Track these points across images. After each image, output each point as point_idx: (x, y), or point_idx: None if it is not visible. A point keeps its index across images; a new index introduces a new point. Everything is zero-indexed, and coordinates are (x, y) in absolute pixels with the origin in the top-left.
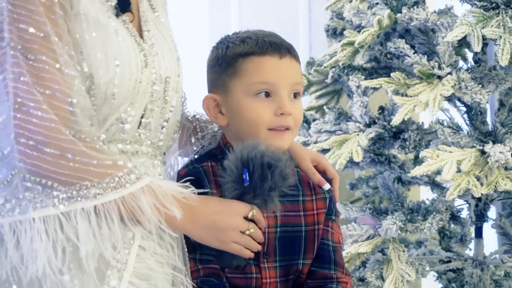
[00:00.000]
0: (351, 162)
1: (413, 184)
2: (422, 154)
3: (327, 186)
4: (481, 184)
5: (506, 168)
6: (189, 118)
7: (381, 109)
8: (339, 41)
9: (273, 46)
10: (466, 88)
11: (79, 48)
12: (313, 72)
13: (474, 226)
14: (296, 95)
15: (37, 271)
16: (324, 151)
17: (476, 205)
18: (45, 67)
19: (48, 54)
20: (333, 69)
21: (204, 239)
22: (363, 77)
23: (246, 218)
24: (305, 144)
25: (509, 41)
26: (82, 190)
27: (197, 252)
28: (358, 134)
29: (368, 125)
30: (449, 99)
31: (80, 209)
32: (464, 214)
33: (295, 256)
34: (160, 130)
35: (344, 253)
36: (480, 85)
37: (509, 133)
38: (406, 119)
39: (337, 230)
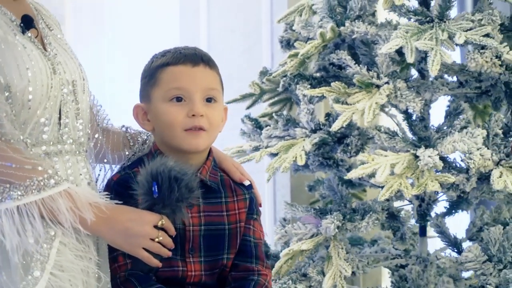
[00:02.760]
0: (303, 166)
1: (364, 186)
2: (358, 157)
3: (247, 182)
4: (412, 186)
5: (437, 171)
6: (119, 129)
7: (328, 115)
8: None
9: (186, 56)
10: (401, 96)
11: None
12: (266, 81)
13: (419, 225)
14: (210, 99)
15: None
16: (274, 155)
17: (420, 206)
18: None
19: None
20: (284, 78)
21: (117, 243)
22: (309, 86)
23: (156, 226)
24: (257, 148)
25: (440, 53)
26: (6, 192)
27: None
28: (304, 140)
29: (314, 131)
30: (395, 106)
31: (4, 209)
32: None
33: (219, 251)
34: (78, 128)
35: (286, 250)
36: (416, 94)
37: (441, 138)
38: (349, 124)
39: (258, 227)
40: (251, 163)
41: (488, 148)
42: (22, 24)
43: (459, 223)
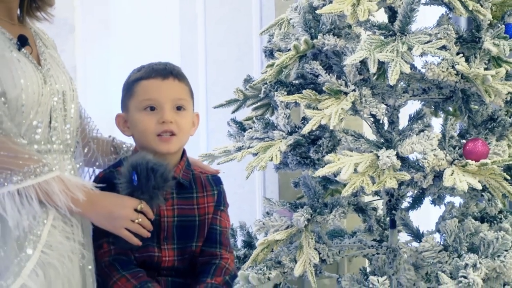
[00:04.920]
0: (284, 164)
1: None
2: (326, 158)
3: (220, 172)
4: (373, 183)
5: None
6: (107, 138)
7: (303, 119)
8: None
9: (157, 71)
10: (366, 102)
11: None
12: (249, 88)
13: (389, 218)
14: (179, 108)
15: None
16: (255, 155)
17: (389, 200)
18: None
19: None
20: (265, 85)
21: (102, 224)
22: (285, 93)
23: (136, 210)
24: (240, 148)
25: (399, 64)
26: (7, 177)
27: (110, 236)
28: (281, 141)
29: (290, 133)
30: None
31: (6, 192)
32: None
33: (190, 240)
34: (66, 131)
35: (262, 240)
36: (381, 100)
37: (401, 140)
38: (322, 127)
39: (225, 217)
40: (243, 163)
41: (444, 149)
42: (18, 42)
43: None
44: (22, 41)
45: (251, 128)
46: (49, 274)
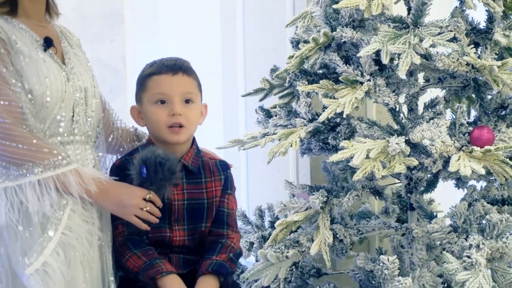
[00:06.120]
0: (308, 150)
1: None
2: (341, 144)
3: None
4: (384, 168)
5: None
6: (131, 128)
7: (324, 107)
8: None
9: (167, 67)
10: (379, 91)
11: (20, 73)
12: (275, 77)
13: (408, 201)
14: (188, 101)
15: (1, 220)
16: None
17: (408, 184)
18: (0, 87)
19: (0, 79)
20: (290, 75)
21: (114, 211)
22: (306, 82)
23: (145, 199)
24: (266, 135)
25: (410, 55)
26: (29, 169)
27: (123, 219)
28: (302, 128)
29: (311, 121)
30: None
31: (28, 182)
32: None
33: (199, 221)
34: (87, 124)
35: (280, 221)
36: (392, 89)
37: (412, 128)
38: (345, 115)
39: (232, 200)
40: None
41: (454, 136)
42: (44, 44)
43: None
44: (48, 43)
45: (277, 115)
46: (69, 253)
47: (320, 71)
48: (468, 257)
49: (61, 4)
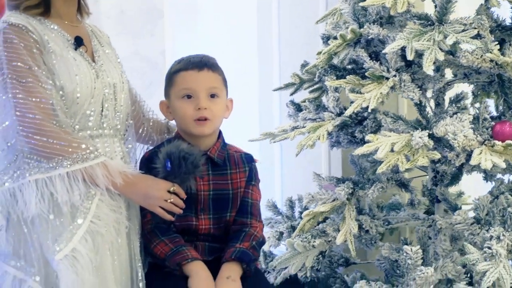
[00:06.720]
0: (337, 143)
1: None
2: (366, 137)
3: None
4: (407, 161)
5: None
6: (162, 120)
7: (352, 102)
8: None
9: (194, 63)
10: (404, 87)
11: (52, 71)
12: (305, 72)
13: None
14: (213, 95)
15: (32, 210)
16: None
17: (435, 176)
18: (32, 85)
19: (32, 78)
20: (319, 70)
21: (139, 202)
22: (334, 77)
23: (169, 191)
24: (295, 128)
25: (435, 51)
26: (59, 162)
27: None
28: (330, 122)
29: (339, 115)
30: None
31: (58, 174)
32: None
33: (224, 210)
34: (116, 118)
35: (307, 212)
36: (418, 85)
37: (436, 122)
38: (370, 109)
39: (256, 191)
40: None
41: (478, 130)
42: (74, 43)
43: None
44: (78, 42)
45: (306, 109)
46: (97, 241)
47: (349, 67)
48: (489, 248)
49: (101, 1)
